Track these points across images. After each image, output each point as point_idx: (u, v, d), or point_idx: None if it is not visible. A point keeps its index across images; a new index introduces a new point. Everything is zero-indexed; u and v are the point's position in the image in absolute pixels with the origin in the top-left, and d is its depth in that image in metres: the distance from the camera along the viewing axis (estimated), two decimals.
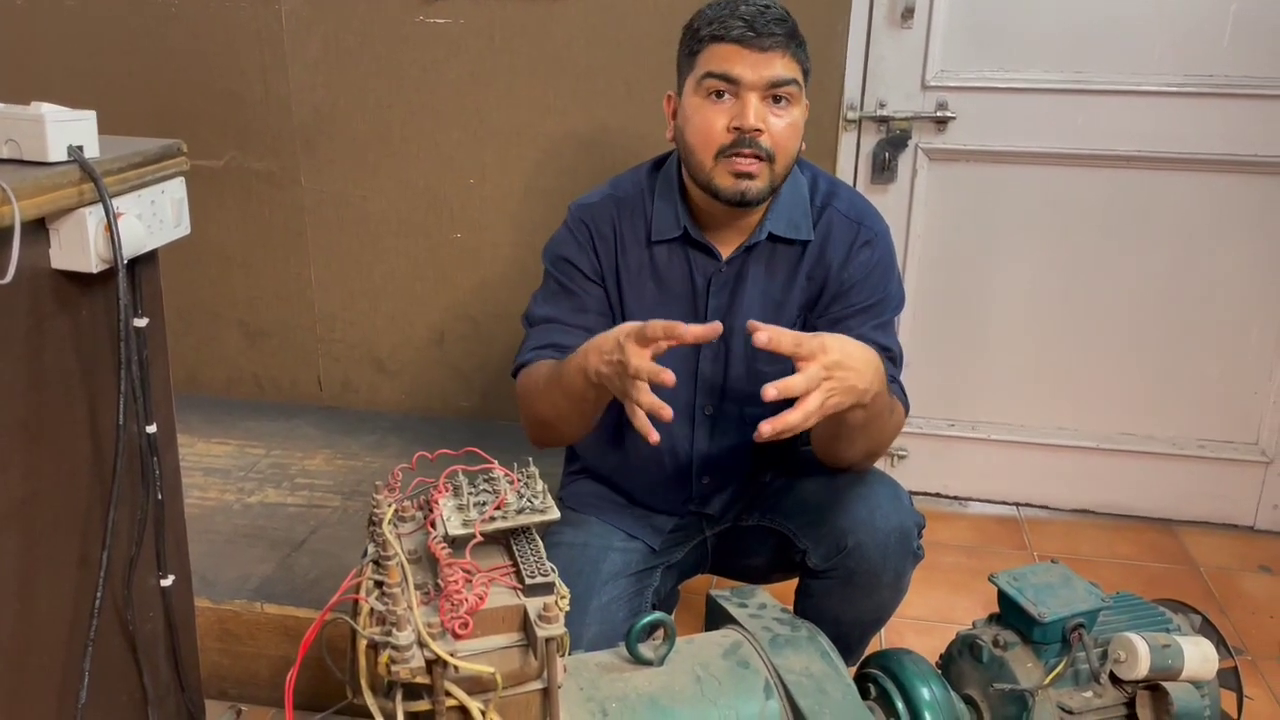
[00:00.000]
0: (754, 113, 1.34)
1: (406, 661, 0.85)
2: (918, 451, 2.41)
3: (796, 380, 1.15)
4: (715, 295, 1.48)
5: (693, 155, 1.39)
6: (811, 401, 1.16)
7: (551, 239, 1.54)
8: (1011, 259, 2.25)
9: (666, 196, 1.48)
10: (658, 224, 1.48)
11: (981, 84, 2.14)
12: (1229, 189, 2.14)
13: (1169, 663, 1.17)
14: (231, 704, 1.68)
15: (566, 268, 1.50)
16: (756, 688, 1.11)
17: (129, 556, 1.23)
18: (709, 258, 1.48)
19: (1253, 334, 2.23)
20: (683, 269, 1.49)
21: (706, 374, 1.51)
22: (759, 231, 1.46)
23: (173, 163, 1.19)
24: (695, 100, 1.38)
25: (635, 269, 1.50)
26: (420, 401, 2.46)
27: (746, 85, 1.34)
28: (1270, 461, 2.30)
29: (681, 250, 1.49)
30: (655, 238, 1.48)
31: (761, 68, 1.34)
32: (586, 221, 1.51)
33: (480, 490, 1.01)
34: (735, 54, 1.34)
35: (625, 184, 1.53)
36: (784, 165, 1.39)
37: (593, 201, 1.52)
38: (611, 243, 1.50)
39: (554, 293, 1.52)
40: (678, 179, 1.48)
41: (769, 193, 1.40)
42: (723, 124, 1.36)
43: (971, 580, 2.09)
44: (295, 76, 2.25)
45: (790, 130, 1.37)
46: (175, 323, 2.41)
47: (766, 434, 1.15)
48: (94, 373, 1.14)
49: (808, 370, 1.16)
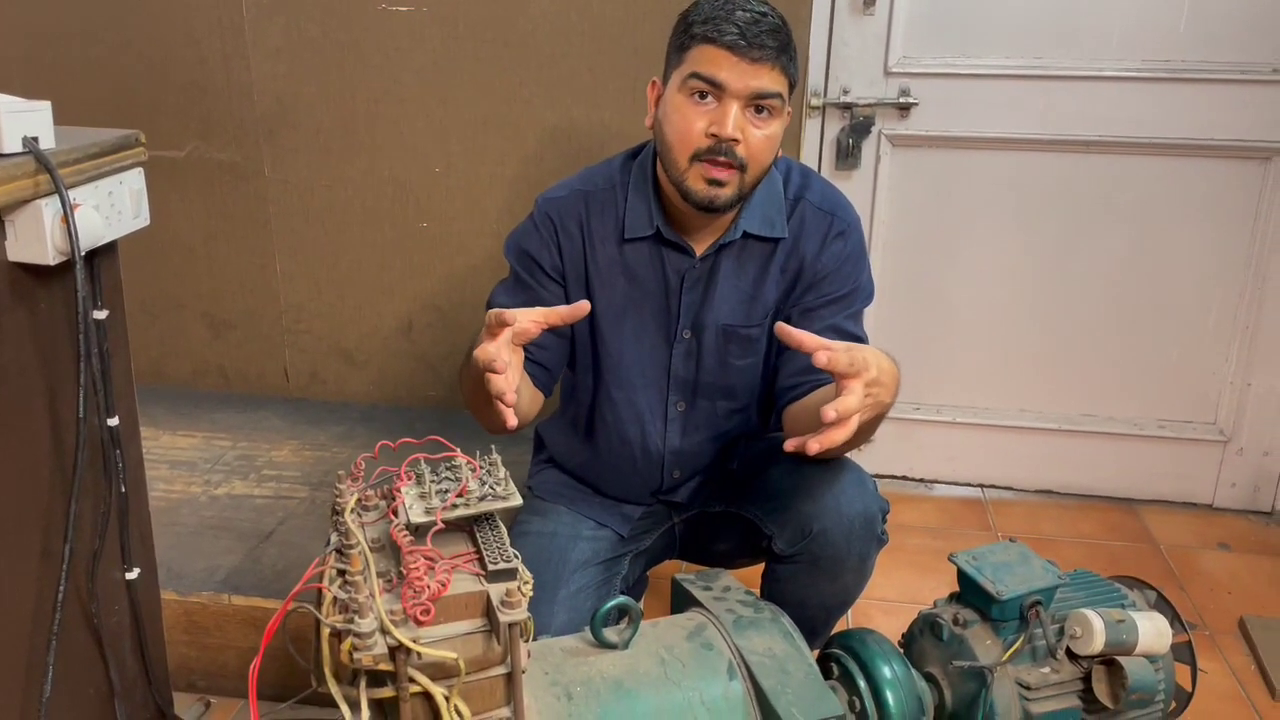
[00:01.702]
0: (733, 122, 1.33)
1: (369, 649, 0.86)
2: (884, 435, 2.43)
3: (851, 401, 1.12)
4: (689, 292, 1.49)
5: (669, 152, 1.39)
6: (855, 420, 1.14)
7: (515, 230, 1.54)
8: (974, 244, 2.28)
9: (641, 191, 1.48)
10: (630, 221, 1.48)
11: (943, 70, 2.15)
12: (1186, 173, 2.17)
13: (1123, 638, 1.19)
14: (200, 696, 1.68)
15: (527, 262, 1.50)
16: (720, 669, 1.12)
17: (93, 550, 1.22)
18: (682, 254, 1.48)
19: (1211, 316, 2.27)
20: (655, 266, 1.49)
21: (679, 371, 1.52)
22: (733, 230, 1.46)
23: (130, 153, 1.18)
24: (678, 97, 1.37)
25: (605, 265, 1.49)
26: (388, 392, 2.46)
27: (730, 93, 1.33)
28: (1228, 441, 2.34)
29: (655, 247, 1.49)
30: (628, 235, 1.47)
31: (748, 77, 1.33)
32: (552, 216, 1.50)
33: (443, 478, 1.02)
34: (724, 59, 1.33)
35: (597, 177, 1.52)
36: (755, 175, 1.39)
37: (560, 196, 1.51)
38: (578, 240, 1.49)
39: (511, 286, 1.52)
40: (653, 174, 1.48)
41: (737, 201, 1.40)
42: (701, 127, 1.35)
43: (937, 561, 2.11)
44: (257, 65, 2.23)
45: (767, 142, 1.37)
46: (139, 315, 2.40)
47: (814, 450, 1.13)
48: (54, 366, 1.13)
49: (855, 389, 1.13)
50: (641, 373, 1.51)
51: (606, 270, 1.49)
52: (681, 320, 1.50)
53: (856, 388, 1.13)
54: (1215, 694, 1.77)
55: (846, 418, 1.12)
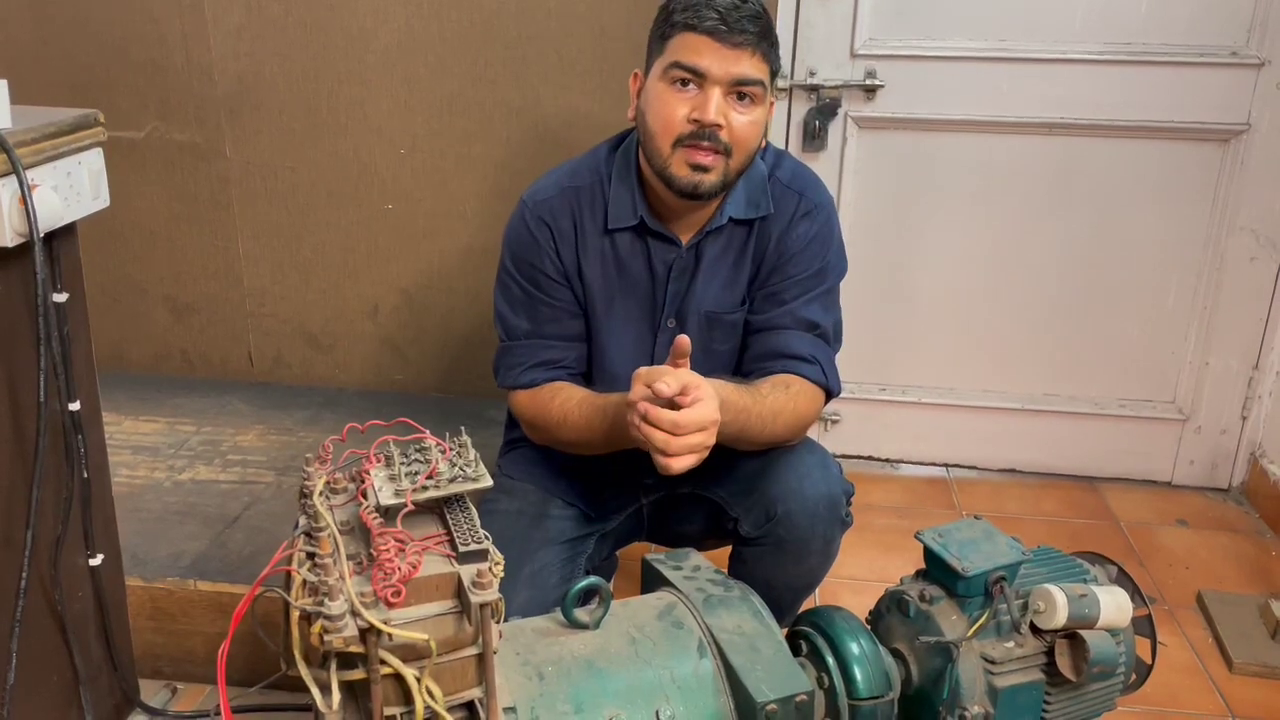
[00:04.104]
0: (715, 107, 1.34)
1: (340, 631, 0.86)
2: (850, 416, 2.45)
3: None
4: (674, 281, 1.49)
5: (652, 140, 1.39)
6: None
7: (510, 235, 1.52)
8: (939, 225, 2.30)
9: (624, 181, 1.48)
10: (614, 210, 1.47)
11: (908, 52, 2.16)
12: (1147, 155, 2.20)
13: (1086, 612, 1.21)
14: (167, 682, 1.66)
15: (531, 272, 1.49)
16: (690, 647, 1.13)
17: (55, 536, 1.21)
18: (668, 244, 1.48)
19: (1170, 297, 2.30)
20: (641, 257, 1.49)
21: (662, 359, 1.52)
22: (719, 216, 1.47)
23: (89, 133, 1.16)
24: (660, 86, 1.38)
25: (595, 257, 1.49)
26: (354, 375, 2.44)
27: (711, 79, 1.34)
28: (1187, 419, 2.38)
29: (640, 238, 1.49)
30: (612, 225, 1.47)
31: (729, 63, 1.33)
32: (546, 219, 1.49)
33: (412, 460, 1.01)
34: (704, 45, 1.33)
35: (582, 172, 1.51)
36: (741, 161, 1.39)
37: (550, 196, 1.50)
38: (572, 237, 1.49)
39: (523, 301, 1.51)
40: (636, 163, 1.47)
41: (722, 187, 1.40)
42: (684, 113, 1.35)
43: (903, 540, 2.12)
44: (218, 44, 2.19)
45: (752, 128, 1.38)
46: (99, 299, 2.37)
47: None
48: (13, 350, 1.11)
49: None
50: (625, 362, 1.51)
51: (596, 261, 1.49)
52: (666, 309, 1.51)
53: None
54: (1174, 666, 1.81)
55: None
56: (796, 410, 1.42)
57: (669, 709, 1.08)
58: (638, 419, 1.24)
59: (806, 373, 1.45)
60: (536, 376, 1.50)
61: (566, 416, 1.45)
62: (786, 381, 1.43)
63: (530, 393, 1.50)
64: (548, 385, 1.49)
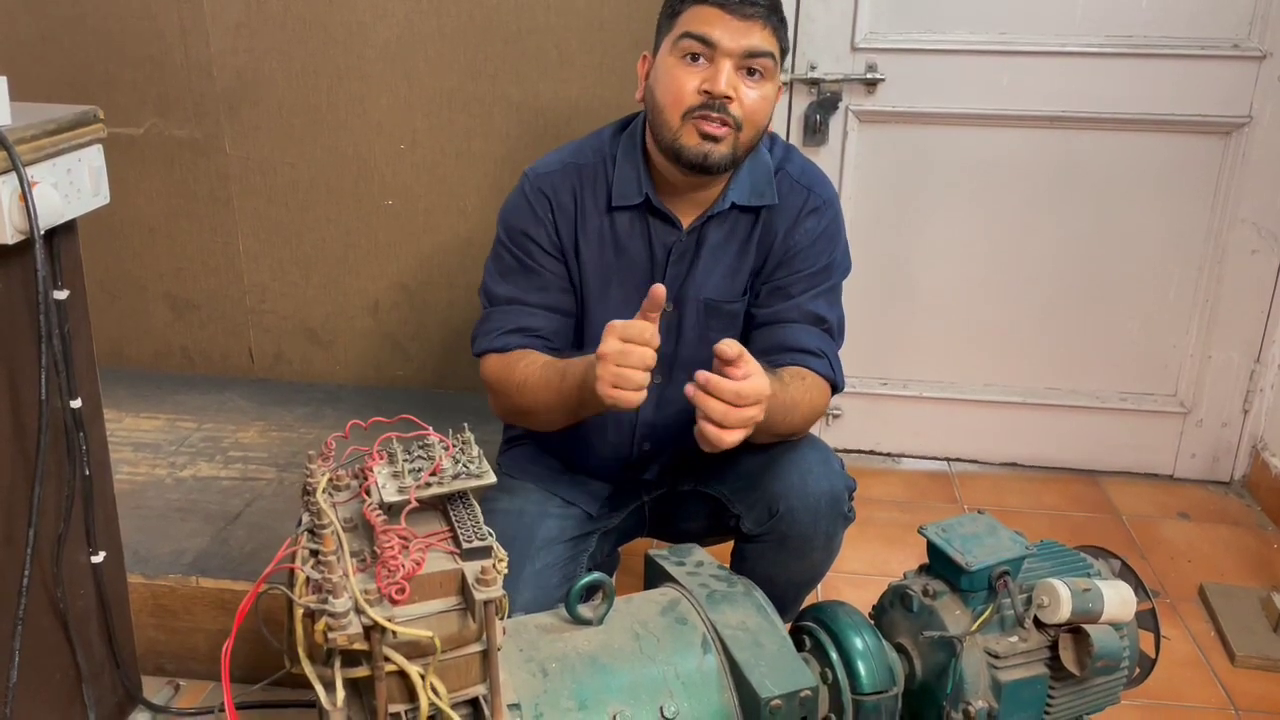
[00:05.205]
0: (726, 79, 1.34)
1: (344, 628, 0.85)
2: (851, 410, 2.45)
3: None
4: (674, 265, 1.48)
5: (660, 114, 1.38)
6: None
7: (507, 206, 1.51)
8: (940, 219, 2.29)
9: (630, 159, 1.47)
10: (619, 188, 1.46)
11: (909, 46, 2.16)
12: (1148, 148, 2.19)
13: (1089, 606, 1.21)
14: (169, 679, 1.66)
15: (524, 241, 1.48)
16: (694, 643, 1.13)
17: (57, 533, 1.21)
18: (669, 227, 1.47)
19: (1171, 290, 2.30)
20: (642, 238, 1.48)
21: (660, 346, 1.51)
22: (722, 201, 1.46)
23: (89, 130, 1.16)
24: (670, 60, 1.37)
25: (594, 237, 1.48)
26: (355, 371, 2.44)
27: (722, 51, 1.34)
28: (1188, 412, 2.38)
29: (642, 218, 1.48)
30: (616, 203, 1.46)
31: (740, 35, 1.33)
32: (546, 192, 1.47)
33: (415, 457, 1.01)
34: (715, 17, 1.34)
35: (586, 151, 1.51)
36: (750, 136, 1.39)
37: (553, 170, 1.49)
38: (571, 213, 1.48)
39: (512, 269, 1.49)
40: (642, 143, 1.47)
41: (731, 162, 1.39)
42: (694, 85, 1.35)
43: (905, 534, 2.14)
44: (217, 40, 2.19)
45: (762, 103, 1.37)
46: (99, 296, 2.36)
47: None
48: (14, 347, 1.11)
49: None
50: None
51: (594, 241, 1.48)
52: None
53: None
54: (1177, 660, 1.81)
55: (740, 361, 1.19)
56: (811, 403, 1.42)
57: (673, 705, 1.08)
58: (693, 388, 1.20)
59: (816, 366, 1.44)
60: (510, 341, 1.46)
61: (527, 379, 1.40)
62: (801, 374, 1.42)
63: (501, 357, 1.46)
64: (518, 350, 1.45)
